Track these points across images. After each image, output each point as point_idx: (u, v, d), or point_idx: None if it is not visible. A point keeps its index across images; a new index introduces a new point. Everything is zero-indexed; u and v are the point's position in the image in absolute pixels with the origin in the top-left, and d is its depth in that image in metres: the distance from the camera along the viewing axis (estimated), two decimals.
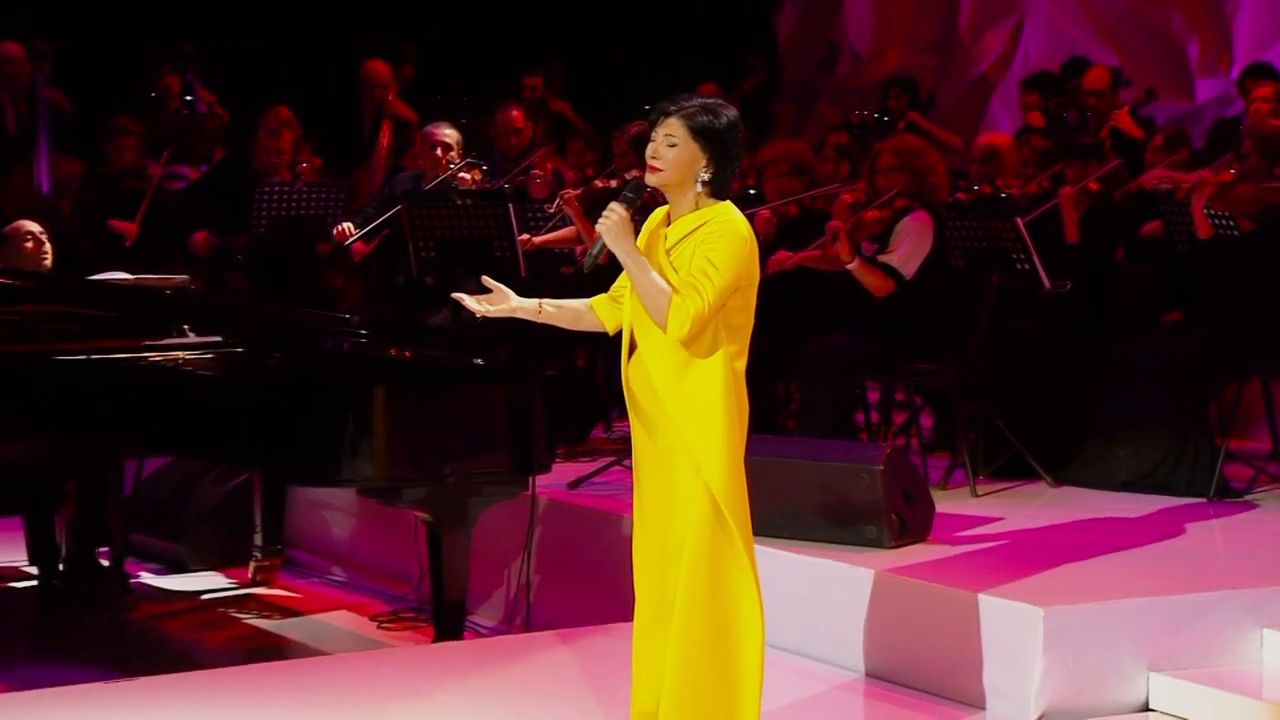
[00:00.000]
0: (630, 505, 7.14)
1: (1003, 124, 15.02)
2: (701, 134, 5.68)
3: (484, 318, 5.96)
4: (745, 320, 5.74)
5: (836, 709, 6.95)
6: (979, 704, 6.72)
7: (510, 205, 9.96)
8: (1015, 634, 6.61)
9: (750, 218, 9.48)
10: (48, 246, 9.97)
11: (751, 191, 9.85)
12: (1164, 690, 6.62)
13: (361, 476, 7.80)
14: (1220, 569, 7.31)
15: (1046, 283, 8.70)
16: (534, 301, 5.91)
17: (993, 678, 6.69)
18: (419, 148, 11.33)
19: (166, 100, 14.28)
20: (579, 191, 10.51)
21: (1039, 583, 6.98)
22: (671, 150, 5.69)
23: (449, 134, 10.74)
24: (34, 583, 9.89)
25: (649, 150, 5.71)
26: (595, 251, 5.72)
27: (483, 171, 10.95)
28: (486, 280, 5.92)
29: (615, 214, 5.63)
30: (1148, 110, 13.52)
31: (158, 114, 13.89)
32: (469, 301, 5.92)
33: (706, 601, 5.67)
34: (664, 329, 5.57)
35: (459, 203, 10.57)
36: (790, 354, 8.84)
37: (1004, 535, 7.90)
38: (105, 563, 9.89)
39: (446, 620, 7.91)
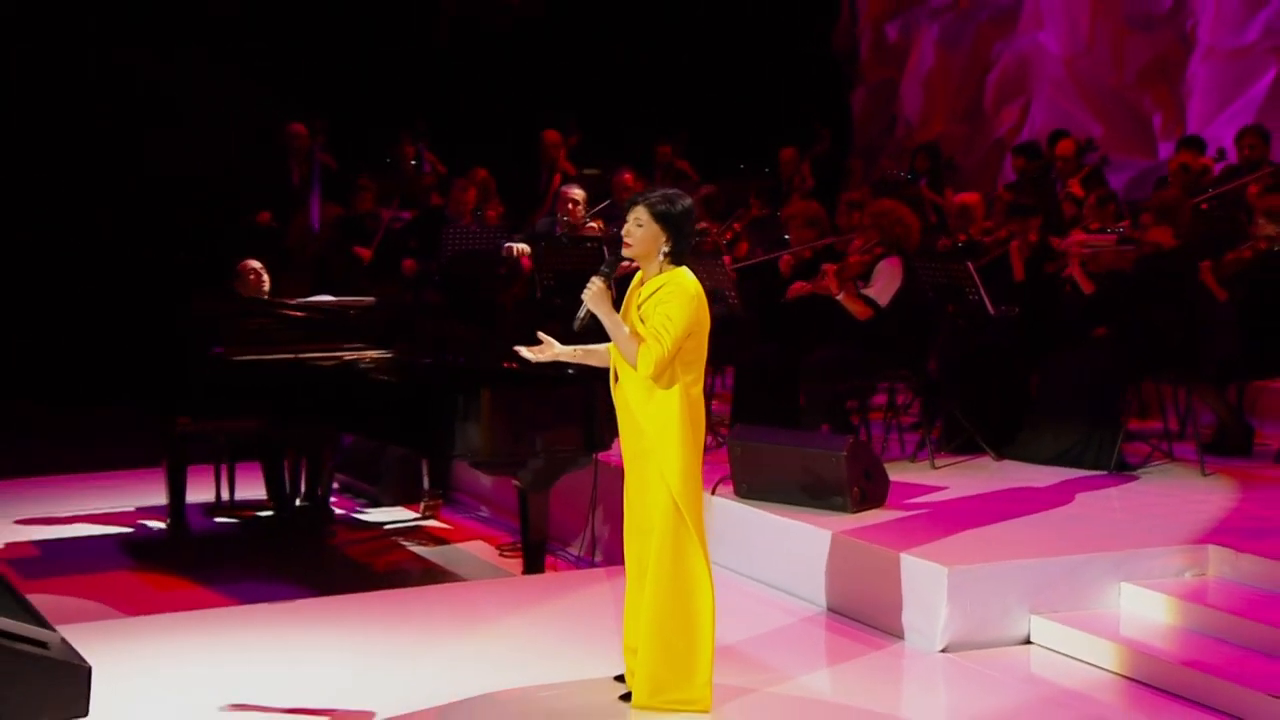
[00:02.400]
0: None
1: (1011, 178, 14.64)
2: (661, 218, 5.61)
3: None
4: (698, 357, 5.64)
5: (802, 633, 6.81)
6: (901, 636, 6.55)
7: (606, 246, 9.84)
8: (926, 586, 6.44)
9: (775, 260, 9.42)
10: (266, 278, 9.90)
11: (786, 237, 9.72)
12: (1041, 629, 6.43)
13: (470, 452, 7.76)
14: (1093, 532, 7.00)
15: (991, 309, 8.47)
16: (570, 348, 5.77)
17: (910, 617, 6.53)
18: (559, 202, 11.10)
19: (401, 161, 14.22)
20: None
21: (952, 544, 6.78)
22: (639, 230, 5.63)
23: (577, 193, 10.68)
24: (270, 513, 9.99)
25: (624, 229, 5.64)
26: (582, 314, 5.64)
27: (605, 221, 10.80)
28: (540, 334, 5.80)
29: (595, 285, 5.59)
30: (1110, 169, 13.32)
31: (391, 172, 13.89)
32: (524, 351, 5.82)
33: (670, 570, 5.59)
34: (635, 369, 5.49)
35: (563, 241, 10.52)
36: (802, 360, 8.61)
37: (943, 503, 7.64)
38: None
39: (530, 558, 7.86)
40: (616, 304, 5.70)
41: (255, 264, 10.00)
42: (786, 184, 13.80)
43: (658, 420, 5.62)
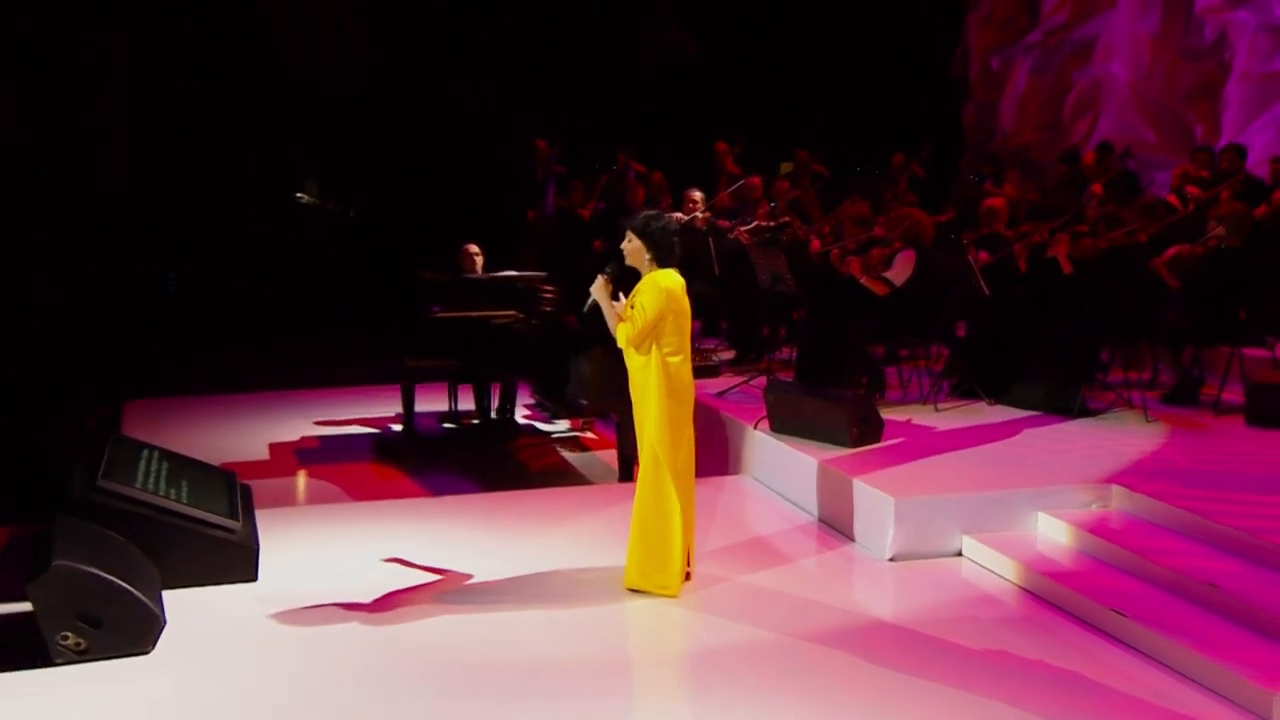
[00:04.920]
0: (745, 415, 7.54)
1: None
2: (642, 235, 5.49)
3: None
4: (677, 334, 5.49)
5: (791, 537, 6.53)
6: (863, 546, 6.26)
7: (711, 238, 9.53)
8: (879, 511, 6.13)
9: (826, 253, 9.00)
10: (480, 259, 9.66)
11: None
12: (970, 547, 6.06)
13: (581, 391, 7.66)
14: (1024, 469, 6.52)
15: (986, 291, 7.94)
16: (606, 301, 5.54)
17: (868, 532, 6.24)
18: (684, 201, 10.59)
19: (616, 169, 13.66)
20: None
21: (907, 476, 6.41)
22: (629, 245, 5.53)
23: (697, 194, 10.30)
24: (476, 422, 9.99)
25: (622, 245, 5.50)
26: (588, 303, 5.53)
27: (709, 214, 10.41)
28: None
29: (598, 281, 5.54)
30: (1156, 168, 12.45)
31: (600, 175, 13.73)
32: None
33: (651, 496, 5.55)
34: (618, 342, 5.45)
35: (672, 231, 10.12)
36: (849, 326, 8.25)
37: (923, 441, 7.17)
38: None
39: (623, 468, 7.72)
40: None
41: (474, 247, 9.80)
42: (894, 182, 13.19)
43: (641, 382, 5.54)
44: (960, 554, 6.06)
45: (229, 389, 11.40)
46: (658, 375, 5.45)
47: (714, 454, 7.94)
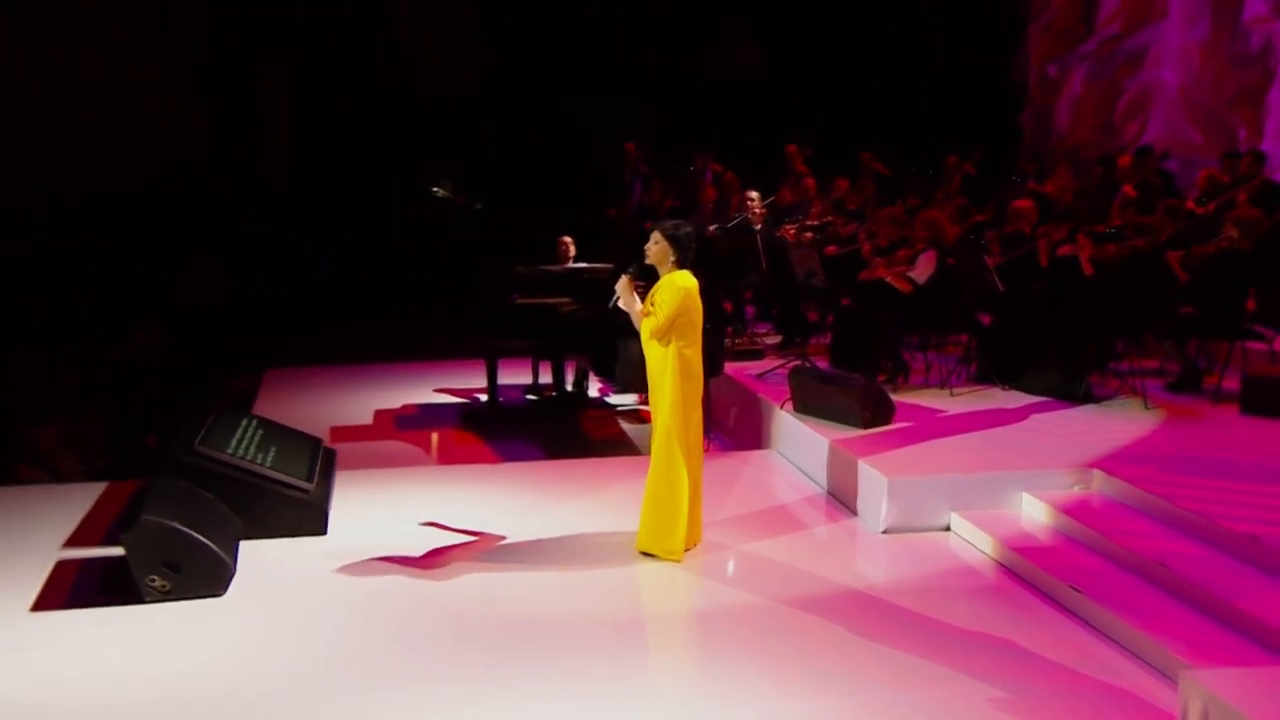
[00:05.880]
0: (774, 395, 7.40)
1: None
2: (668, 238, 5.41)
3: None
4: (691, 328, 5.46)
5: (798, 507, 6.47)
6: (859, 517, 6.20)
7: (760, 235, 9.42)
8: (874, 489, 6.06)
9: (856, 250, 8.86)
10: (573, 250, 9.70)
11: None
12: (958, 522, 5.95)
13: (630, 370, 7.68)
14: (1015, 453, 6.37)
15: (1000, 288, 7.74)
16: (632, 301, 5.54)
17: (865, 506, 6.18)
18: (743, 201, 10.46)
19: (694, 170, 13.67)
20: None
21: (904, 457, 6.30)
22: (656, 246, 5.47)
23: (754, 195, 10.16)
24: (553, 395, 10.03)
25: (646, 246, 5.48)
26: (614, 300, 5.51)
27: (765, 211, 10.28)
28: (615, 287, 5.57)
29: (622, 280, 5.50)
30: (1200, 165, 11.91)
31: (678, 176, 13.69)
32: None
33: (663, 469, 5.56)
34: (640, 334, 5.47)
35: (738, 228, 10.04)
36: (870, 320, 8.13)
37: (929, 424, 7.03)
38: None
39: None
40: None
41: (567, 239, 9.85)
42: (946, 181, 12.89)
43: (658, 369, 5.52)
44: (949, 529, 5.97)
45: (353, 360, 11.67)
46: (674, 364, 5.45)
47: (749, 429, 7.92)
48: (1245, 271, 7.64)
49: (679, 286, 5.40)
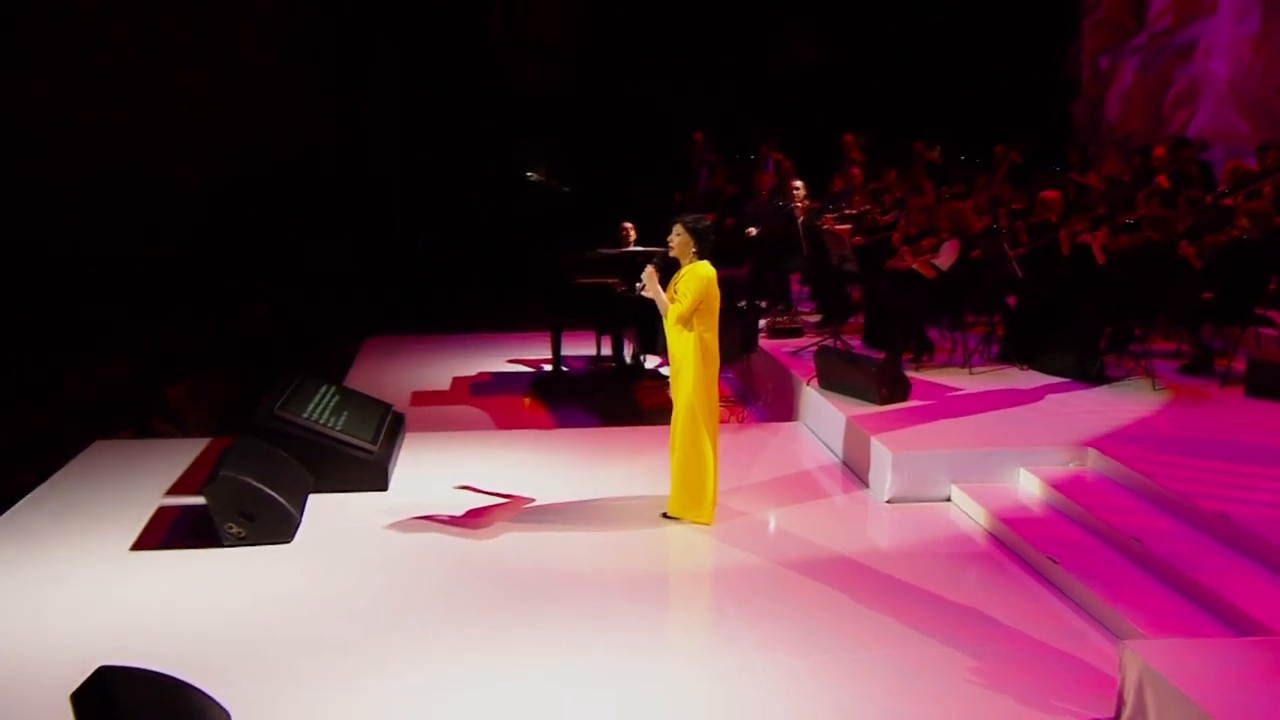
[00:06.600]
0: (804, 372, 7.42)
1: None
2: (690, 231, 5.45)
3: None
4: (709, 314, 5.51)
5: (814, 475, 6.50)
6: (868, 487, 6.22)
7: (800, 222, 9.35)
8: (881, 461, 6.07)
9: (886, 238, 8.76)
10: (633, 235, 9.60)
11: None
12: (957, 494, 5.94)
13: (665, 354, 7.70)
14: (1017, 430, 6.29)
15: (1019, 274, 7.62)
16: (656, 290, 5.59)
17: (873, 477, 6.18)
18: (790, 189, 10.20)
19: (757, 158, 13.58)
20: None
21: (914, 432, 6.30)
22: (678, 238, 5.51)
23: (799, 184, 9.99)
24: (613, 365, 9.99)
25: (669, 237, 5.51)
26: (640, 287, 5.57)
27: (808, 203, 10.13)
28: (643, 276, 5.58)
29: (647, 269, 5.53)
30: (1245, 154, 11.45)
31: (741, 163, 13.58)
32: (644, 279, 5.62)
33: (690, 441, 5.62)
34: (665, 320, 5.50)
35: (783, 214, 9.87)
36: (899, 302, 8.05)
37: (942, 401, 6.96)
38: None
39: None
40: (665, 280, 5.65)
41: (629, 224, 9.76)
42: (994, 170, 12.60)
43: (681, 352, 5.57)
44: (949, 500, 5.96)
45: (442, 330, 11.88)
46: (695, 347, 5.51)
47: (784, 402, 7.95)
48: (1259, 260, 7.40)
49: (700, 276, 5.45)
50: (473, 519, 5.78)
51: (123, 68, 15.83)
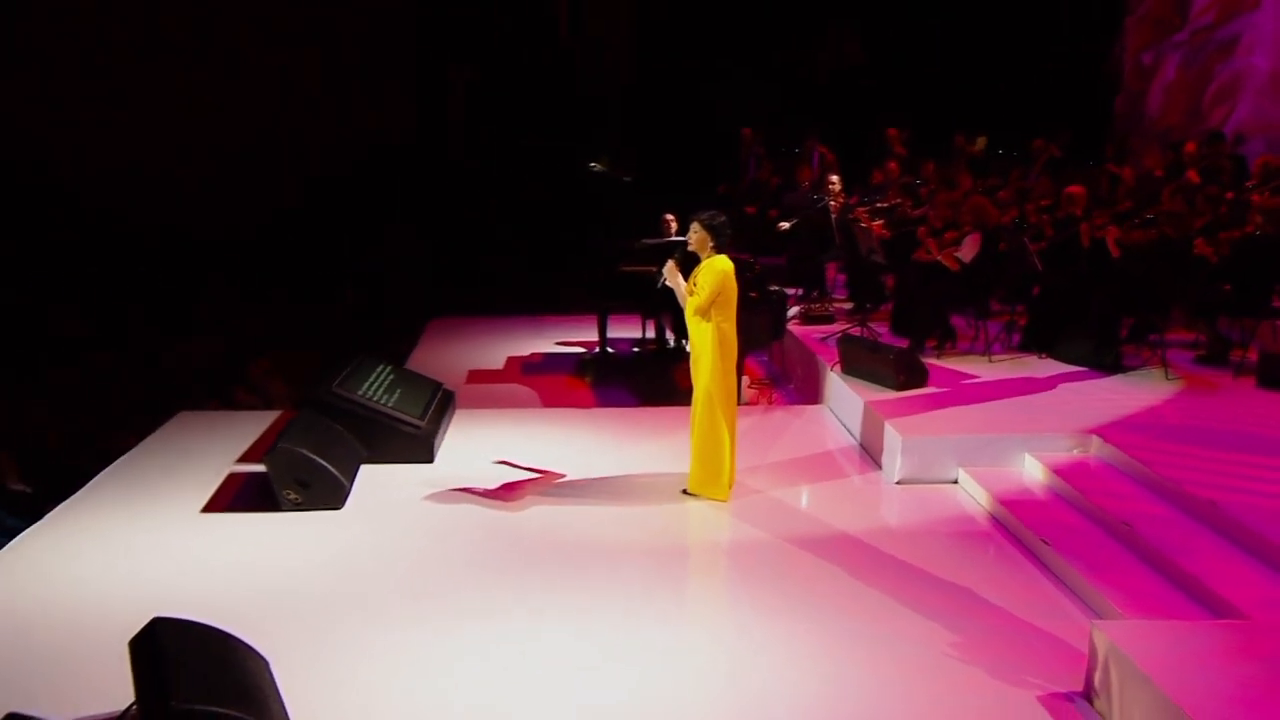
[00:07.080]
0: (830, 357, 7.41)
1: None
2: (707, 228, 5.49)
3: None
4: (727, 305, 5.56)
5: (830, 456, 6.52)
6: (880, 469, 6.23)
7: (833, 215, 9.30)
8: (892, 444, 6.08)
9: (915, 228, 8.67)
10: (674, 225, 9.48)
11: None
12: (964, 478, 5.93)
13: None
14: (1025, 416, 6.24)
15: (1039, 267, 7.52)
16: (678, 280, 5.65)
17: (885, 459, 6.20)
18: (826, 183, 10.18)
19: (801, 152, 13.38)
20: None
21: (926, 417, 6.28)
22: (696, 235, 5.55)
23: (835, 178, 9.96)
24: (654, 348, 10.02)
25: (688, 234, 5.55)
26: (661, 279, 5.63)
27: (843, 197, 10.04)
28: (666, 267, 5.63)
29: (669, 263, 5.58)
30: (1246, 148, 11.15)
31: (786, 157, 13.47)
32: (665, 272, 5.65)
33: (707, 425, 5.70)
34: (685, 310, 5.55)
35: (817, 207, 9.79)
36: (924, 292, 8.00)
37: (957, 388, 6.92)
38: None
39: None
40: (685, 273, 5.70)
41: (670, 216, 9.66)
42: (1031, 163, 12.36)
43: (699, 342, 5.63)
44: (955, 482, 5.96)
45: (502, 312, 12.03)
46: (713, 337, 5.57)
47: (811, 386, 7.97)
48: (1275, 255, 7.21)
49: (718, 270, 5.50)
50: (507, 492, 5.93)
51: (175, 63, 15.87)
